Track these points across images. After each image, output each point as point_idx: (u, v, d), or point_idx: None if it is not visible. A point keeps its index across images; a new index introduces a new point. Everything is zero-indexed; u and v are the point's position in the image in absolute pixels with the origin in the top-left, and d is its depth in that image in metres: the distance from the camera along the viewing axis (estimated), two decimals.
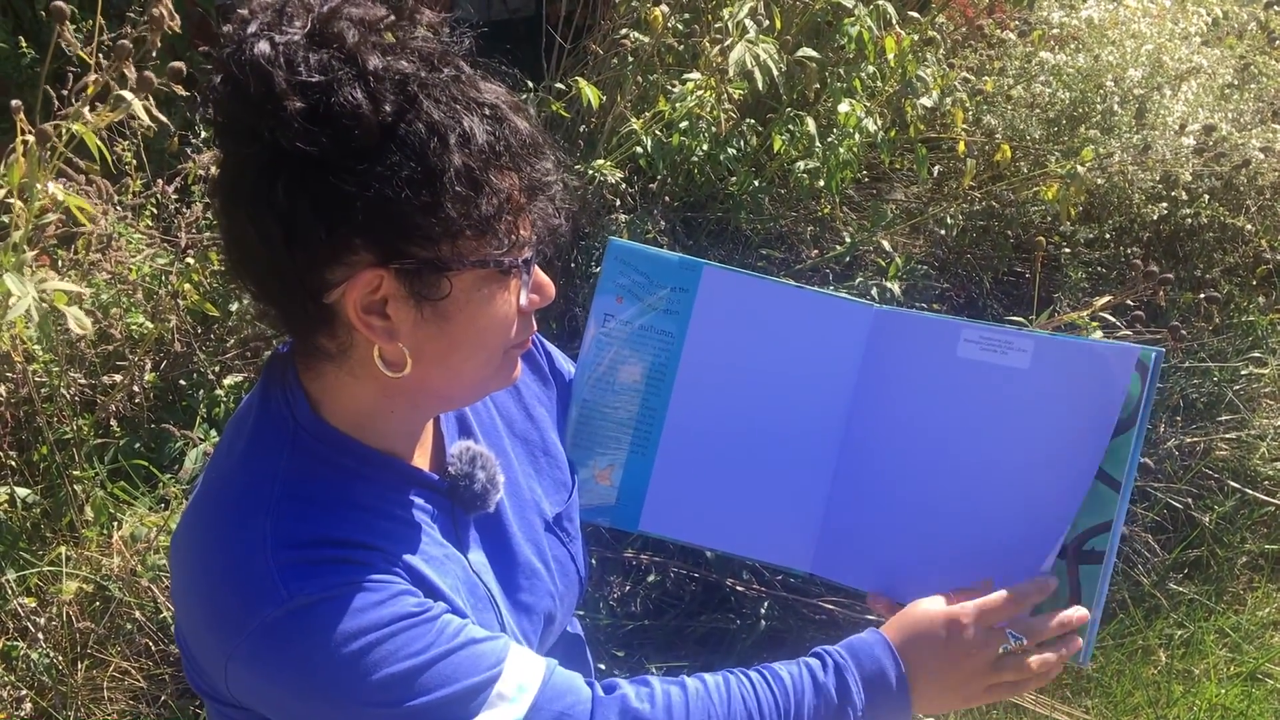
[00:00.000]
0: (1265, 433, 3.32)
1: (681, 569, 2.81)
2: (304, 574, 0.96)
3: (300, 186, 0.90)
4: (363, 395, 1.04)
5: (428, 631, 0.99)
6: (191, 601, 1.02)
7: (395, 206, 0.90)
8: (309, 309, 0.97)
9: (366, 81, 0.88)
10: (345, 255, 0.93)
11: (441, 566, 1.07)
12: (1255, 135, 3.34)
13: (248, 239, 0.94)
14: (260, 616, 0.94)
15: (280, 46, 0.88)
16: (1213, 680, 2.83)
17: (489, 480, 1.15)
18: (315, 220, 0.90)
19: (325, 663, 0.95)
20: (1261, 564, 3.19)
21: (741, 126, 2.96)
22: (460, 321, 0.99)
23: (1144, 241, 3.60)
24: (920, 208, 3.52)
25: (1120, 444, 1.20)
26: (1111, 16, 3.54)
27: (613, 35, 2.86)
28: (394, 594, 0.99)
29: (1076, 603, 1.22)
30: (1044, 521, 1.23)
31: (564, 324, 2.97)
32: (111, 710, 2.26)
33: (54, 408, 2.37)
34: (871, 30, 2.96)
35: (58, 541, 2.31)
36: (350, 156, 0.89)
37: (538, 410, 1.34)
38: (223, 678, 0.98)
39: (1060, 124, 3.51)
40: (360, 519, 1.03)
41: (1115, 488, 1.20)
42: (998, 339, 1.28)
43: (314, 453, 1.03)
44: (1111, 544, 1.20)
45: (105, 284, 2.40)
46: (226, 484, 1.04)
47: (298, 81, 0.87)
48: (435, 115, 0.91)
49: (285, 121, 0.87)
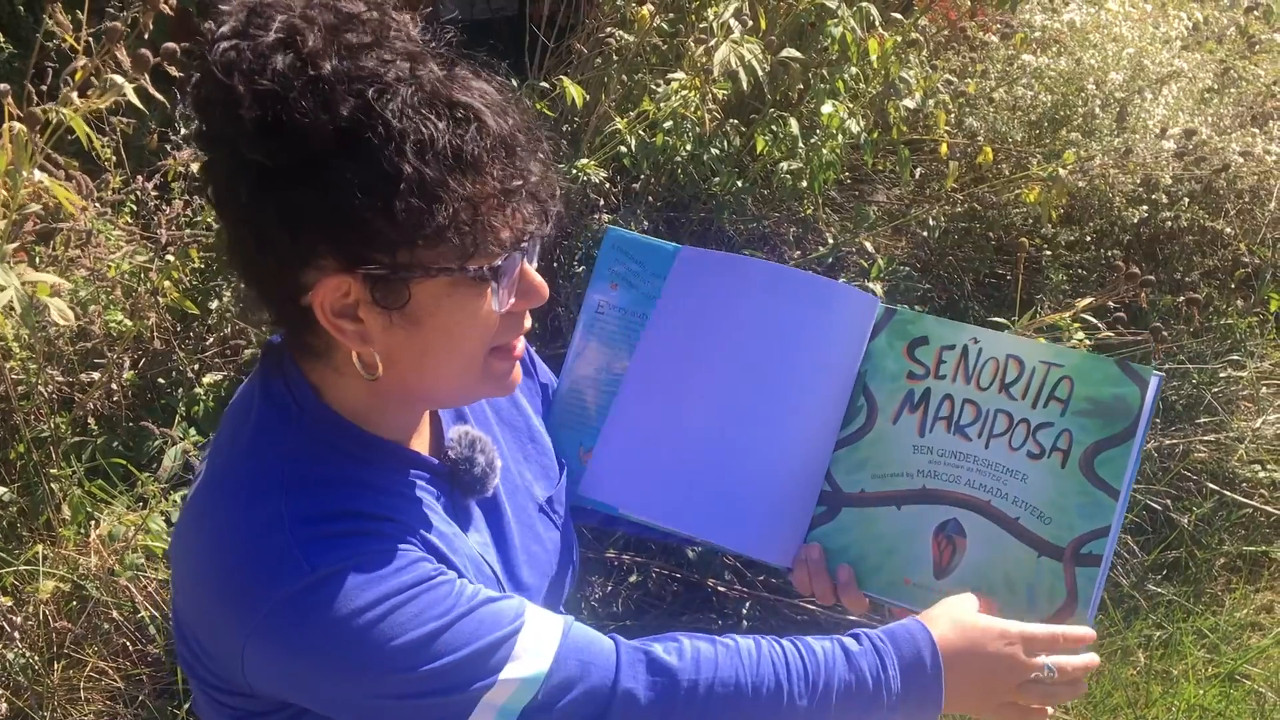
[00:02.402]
0: (1243, 435, 3.34)
1: (663, 569, 2.81)
2: (324, 547, 0.96)
3: (263, 193, 0.90)
4: (353, 390, 1.05)
5: (448, 594, 0.99)
6: (203, 588, 1.01)
7: (353, 214, 0.89)
8: (289, 309, 0.98)
9: (320, 88, 0.87)
10: (313, 260, 0.93)
11: (450, 543, 1.08)
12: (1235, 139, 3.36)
13: (229, 243, 0.96)
14: (282, 590, 0.94)
15: (246, 51, 0.87)
16: (1191, 681, 2.84)
17: (488, 464, 1.16)
18: (280, 226, 0.91)
19: (349, 630, 0.95)
20: (1240, 565, 3.21)
21: (725, 127, 2.96)
22: (431, 326, 0.99)
23: (1124, 244, 3.62)
24: (903, 209, 3.53)
25: (1119, 454, 1.24)
26: (1093, 20, 3.55)
27: (597, 34, 2.85)
28: (411, 560, 0.99)
29: (1073, 604, 1.23)
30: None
31: (546, 323, 2.96)
32: (88, 711, 2.24)
33: (31, 405, 2.35)
34: (855, 31, 2.97)
35: (34, 540, 2.29)
36: (307, 165, 0.88)
37: (521, 398, 1.35)
38: (239, 662, 0.97)
39: (1042, 127, 3.53)
40: (371, 496, 1.03)
41: (1114, 496, 1.23)
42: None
43: (320, 436, 1.04)
44: (1108, 549, 1.23)
45: (84, 280, 2.38)
46: (235, 469, 1.04)
47: (254, 90, 0.86)
48: (394, 121, 0.89)
49: (243, 131, 0.87)
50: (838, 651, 1.12)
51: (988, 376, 1.32)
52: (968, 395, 1.32)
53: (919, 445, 1.33)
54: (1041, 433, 1.28)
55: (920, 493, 1.32)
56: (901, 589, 1.30)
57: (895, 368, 1.35)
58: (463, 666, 0.98)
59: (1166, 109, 3.40)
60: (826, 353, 1.37)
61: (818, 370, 1.36)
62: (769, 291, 1.37)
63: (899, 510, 1.32)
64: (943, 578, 1.29)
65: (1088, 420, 1.26)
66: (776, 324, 1.37)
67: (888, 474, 1.33)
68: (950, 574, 1.29)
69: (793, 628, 2.73)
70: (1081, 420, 1.27)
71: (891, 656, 1.13)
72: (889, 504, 1.32)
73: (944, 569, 1.29)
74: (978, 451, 1.30)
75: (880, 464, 1.34)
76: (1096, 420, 1.26)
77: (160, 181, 2.56)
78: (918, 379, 1.34)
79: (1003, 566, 1.27)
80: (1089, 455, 1.26)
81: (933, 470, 1.32)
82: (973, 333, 1.34)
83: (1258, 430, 3.37)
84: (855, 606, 1.34)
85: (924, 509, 1.31)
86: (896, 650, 1.13)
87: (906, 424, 1.34)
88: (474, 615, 1.00)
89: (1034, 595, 1.25)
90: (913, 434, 1.33)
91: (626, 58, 2.82)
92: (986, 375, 1.32)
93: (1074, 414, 1.27)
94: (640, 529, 1.46)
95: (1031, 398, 1.29)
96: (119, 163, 2.53)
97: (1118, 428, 1.25)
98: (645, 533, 1.48)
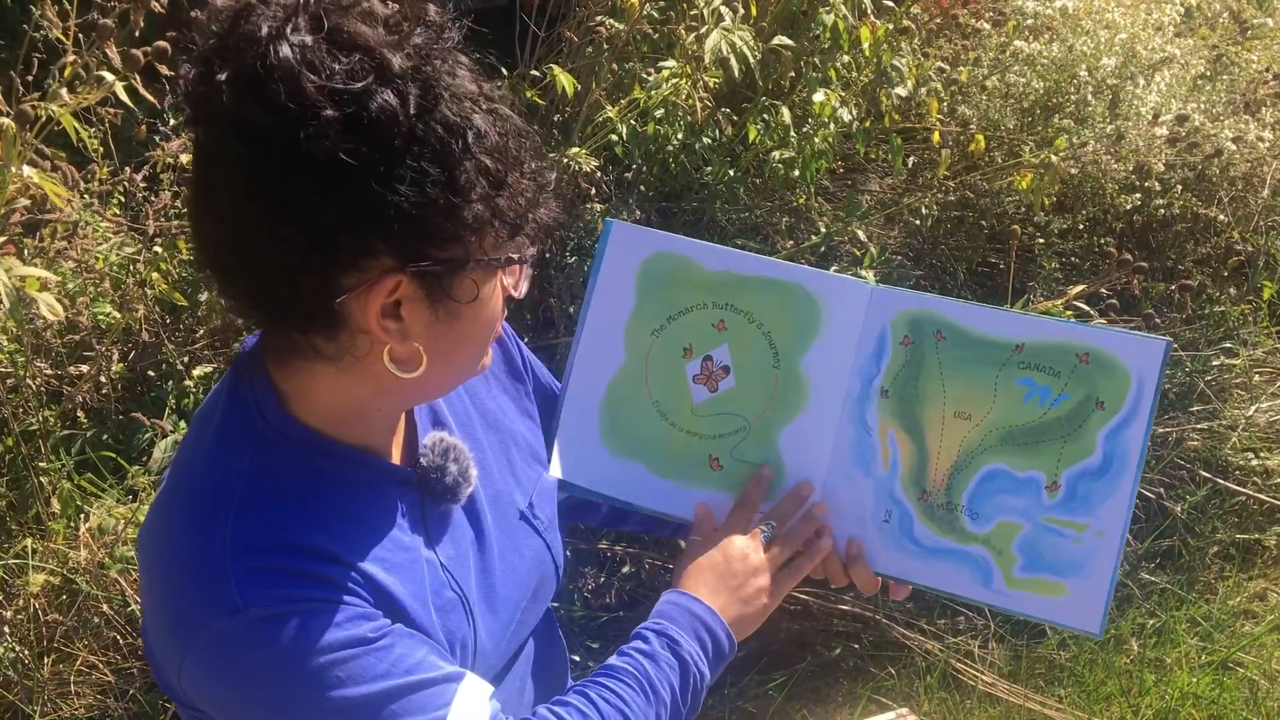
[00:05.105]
0: (1236, 423, 3.34)
1: (656, 560, 2.81)
2: (261, 583, 0.94)
3: (329, 193, 0.87)
4: (351, 393, 1.02)
5: (383, 659, 0.98)
6: (153, 599, 1.01)
7: (421, 210, 0.89)
8: (314, 312, 0.94)
9: (395, 85, 0.86)
10: (364, 260, 0.91)
11: (405, 573, 1.06)
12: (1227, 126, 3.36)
13: (252, 243, 0.90)
14: (216, 623, 0.93)
15: (299, 48, 0.85)
16: (1184, 669, 2.84)
17: (460, 473, 1.14)
18: (340, 226, 0.88)
19: (276, 678, 0.94)
20: (1232, 553, 3.21)
21: (717, 116, 2.95)
22: (468, 318, 0.99)
23: (1117, 232, 3.61)
24: (895, 198, 3.51)
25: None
26: (1085, 6, 3.55)
27: (587, 23, 2.84)
28: (351, 616, 0.97)
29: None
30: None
31: (538, 314, 2.95)
32: (79, 705, 2.23)
33: (19, 398, 2.34)
34: (847, 19, 2.96)
35: (24, 534, 2.27)
36: (384, 163, 0.87)
37: (509, 401, 1.33)
38: (178, 677, 0.98)
39: (1034, 114, 3.52)
40: (326, 521, 1.01)
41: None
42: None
43: (281, 450, 1.02)
44: (1124, 522, 1.29)
45: (72, 272, 2.37)
46: (191, 483, 1.02)
47: (329, 88, 0.84)
48: (450, 115, 0.89)
49: (320, 130, 0.84)
50: (636, 656, 1.19)
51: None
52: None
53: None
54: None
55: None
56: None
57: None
58: None
59: (1159, 95, 3.39)
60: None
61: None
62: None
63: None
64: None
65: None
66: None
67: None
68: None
69: (785, 617, 2.74)
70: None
71: (669, 628, 1.21)
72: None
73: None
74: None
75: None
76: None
77: (149, 173, 2.54)
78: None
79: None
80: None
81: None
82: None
83: (1251, 418, 3.37)
84: (865, 584, 1.38)
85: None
86: (670, 620, 1.22)
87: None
88: (403, 697, 0.98)
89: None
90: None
91: (617, 46, 2.81)
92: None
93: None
94: (648, 523, 1.49)
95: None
96: (107, 154, 2.52)
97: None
98: (654, 528, 1.52)
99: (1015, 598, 1.32)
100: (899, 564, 1.36)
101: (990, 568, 1.33)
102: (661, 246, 1.42)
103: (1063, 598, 1.30)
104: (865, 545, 1.36)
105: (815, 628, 2.79)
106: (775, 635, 2.75)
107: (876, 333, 1.39)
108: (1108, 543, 1.29)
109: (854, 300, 1.40)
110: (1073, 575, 1.30)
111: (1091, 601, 1.29)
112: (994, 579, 1.33)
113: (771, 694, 2.68)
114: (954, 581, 1.34)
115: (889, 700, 2.70)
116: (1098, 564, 1.29)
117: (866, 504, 1.37)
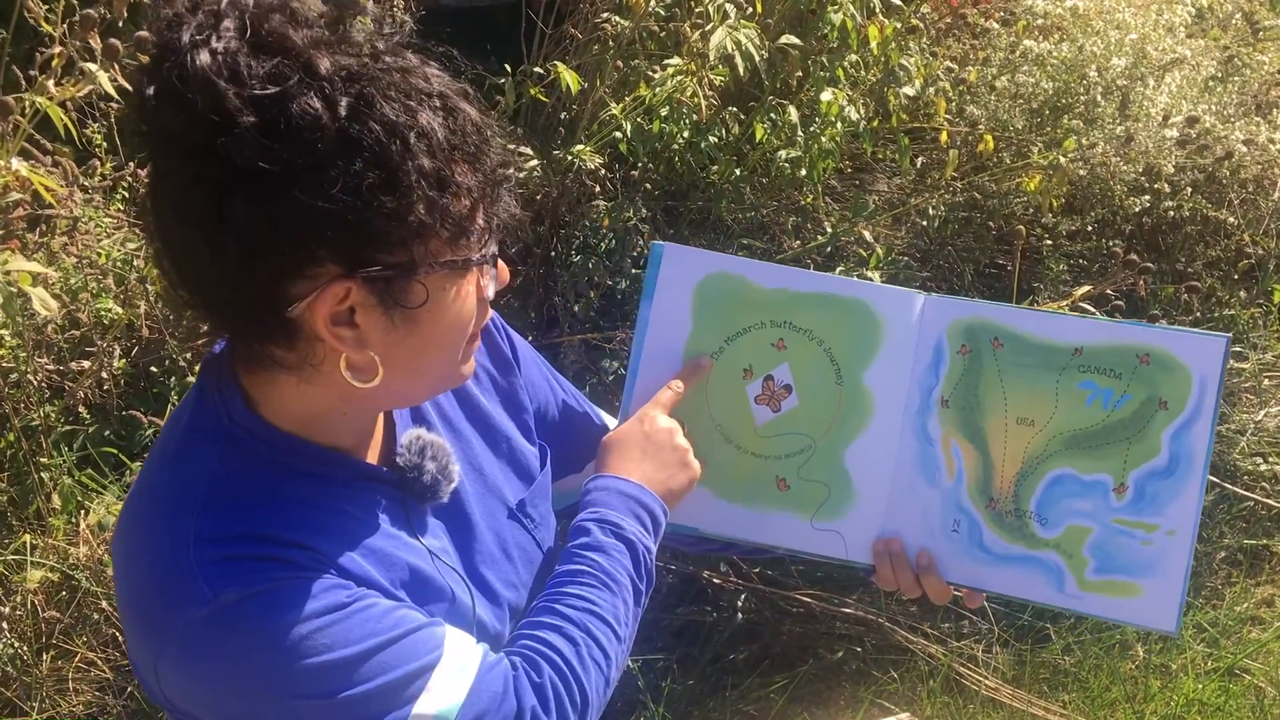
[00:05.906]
0: (1245, 427, 3.32)
1: (658, 561, 2.79)
2: (227, 571, 0.93)
3: (258, 202, 0.85)
4: (316, 400, 1.01)
5: (362, 621, 0.96)
6: (124, 602, 1.00)
7: (359, 215, 0.86)
8: (268, 323, 0.92)
9: (320, 87, 0.84)
10: (308, 268, 0.89)
11: (385, 560, 1.05)
12: (1239, 128, 3.33)
13: (197, 256, 0.89)
14: (186, 615, 0.92)
15: (220, 55, 0.83)
16: (1190, 675, 2.82)
17: (440, 471, 1.12)
18: (276, 235, 0.86)
19: (255, 658, 0.92)
20: (1240, 559, 3.19)
21: (723, 114, 2.93)
22: (428, 323, 0.97)
23: (1126, 234, 3.59)
24: (902, 198, 3.50)
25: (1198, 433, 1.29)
26: (1096, 6, 3.52)
27: (593, 20, 2.83)
28: (325, 587, 0.96)
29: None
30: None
31: (543, 313, 2.94)
32: (77, 701, 2.23)
33: (21, 394, 2.33)
34: (855, 18, 2.94)
35: (24, 530, 2.27)
36: (310, 168, 0.84)
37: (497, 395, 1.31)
38: (155, 680, 0.96)
39: (1043, 114, 3.50)
40: (292, 514, 1.00)
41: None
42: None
43: (250, 451, 1.00)
44: (1194, 520, 1.28)
45: (74, 268, 2.36)
46: (157, 486, 1.01)
47: (249, 95, 0.82)
48: (390, 114, 0.86)
49: (239, 138, 0.82)
50: (587, 552, 1.18)
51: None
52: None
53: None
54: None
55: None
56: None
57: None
58: (374, 698, 0.96)
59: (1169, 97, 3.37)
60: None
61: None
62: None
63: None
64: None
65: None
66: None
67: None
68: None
69: (788, 619, 2.72)
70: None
71: (607, 515, 1.21)
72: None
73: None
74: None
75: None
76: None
77: None
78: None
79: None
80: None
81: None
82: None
83: (1259, 423, 3.35)
84: (938, 594, 1.38)
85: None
86: (605, 506, 1.22)
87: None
88: (391, 647, 0.97)
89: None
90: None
91: (622, 43, 2.79)
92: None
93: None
94: (728, 547, 1.48)
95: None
96: (111, 148, 2.51)
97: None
98: (730, 550, 1.51)
99: (1089, 600, 1.31)
100: (970, 573, 1.36)
101: (1062, 572, 1.32)
102: (716, 267, 1.39)
103: (1137, 598, 1.29)
104: (935, 556, 1.36)
105: (817, 630, 2.78)
106: (777, 638, 2.74)
107: (932, 343, 1.38)
108: (1179, 542, 1.27)
109: (908, 312, 1.39)
110: (1146, 575, 1.29)
111: (1166, 601, 1.28)
112: (1067, 583, 1.32)
113: (773, 697, 2.66)
114: (1027, 588, 1.34)
115: (891, 704, 2.69)
116: (1170, 563, 1.28)
117: (934, 515, 1.37)
